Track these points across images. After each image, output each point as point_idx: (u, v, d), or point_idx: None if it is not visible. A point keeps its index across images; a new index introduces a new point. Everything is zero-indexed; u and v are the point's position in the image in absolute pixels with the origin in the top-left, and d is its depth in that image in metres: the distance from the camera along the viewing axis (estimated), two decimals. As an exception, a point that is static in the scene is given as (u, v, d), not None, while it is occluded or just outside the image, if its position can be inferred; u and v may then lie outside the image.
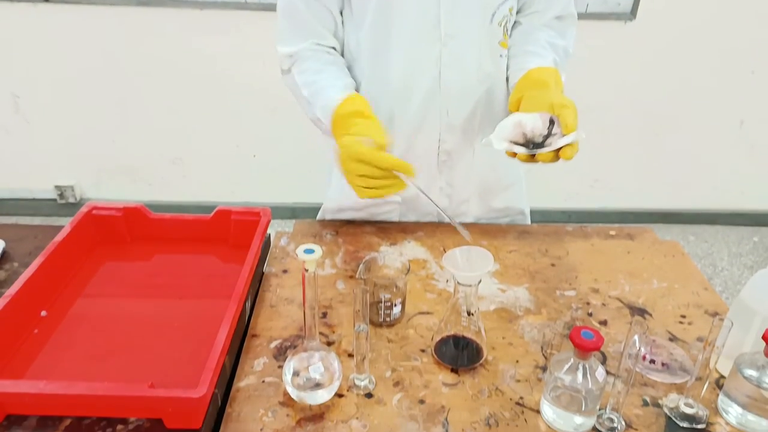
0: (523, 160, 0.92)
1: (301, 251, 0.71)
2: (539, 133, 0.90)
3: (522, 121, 0.91)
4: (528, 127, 0.91)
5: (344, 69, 1.09)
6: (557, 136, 0.89)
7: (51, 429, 0.72)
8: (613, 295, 1.02)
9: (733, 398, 0.77)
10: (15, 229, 1.13)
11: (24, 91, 2.62)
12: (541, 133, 0.90)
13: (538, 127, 0.91)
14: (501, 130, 0.92)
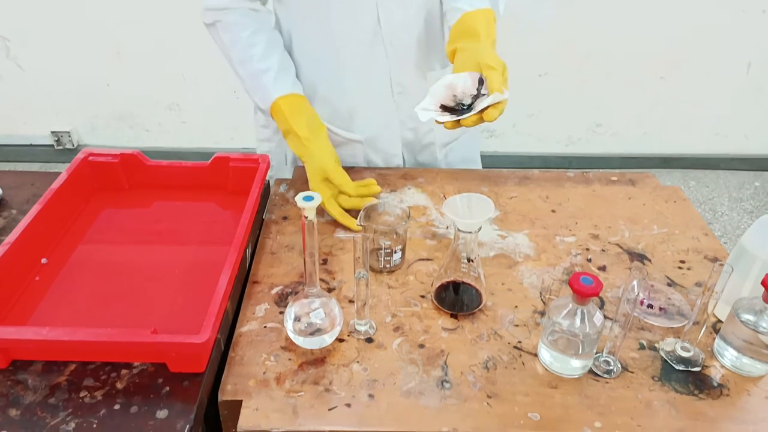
0: (449, 127, 0.90)
1: (300, 198, 0.71)
2: (469, 93, 0.91)
3: (452, 83, 0.92)
4: (459, 89, 0.91)
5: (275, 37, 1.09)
6: (485, 97, 0.88)
7: (56, 374, 0.74)
8: (612, 240, 1.02)
9: (729, 342, 0.78)
10: (12, 176, 1.12)
11: (14, 34, 2.55)
12: (470, 93, 0.91)
13: (468, 87, 0.91)
14: (433, 93, 0.92)
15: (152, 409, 0.70)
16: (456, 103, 0.91)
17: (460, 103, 0.91)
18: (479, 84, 0.90)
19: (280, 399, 0.73)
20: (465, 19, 0.99)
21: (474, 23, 0.98)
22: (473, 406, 0.73)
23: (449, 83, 0.92)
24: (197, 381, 0.73)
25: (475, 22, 0.99)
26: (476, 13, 1.00)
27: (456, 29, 1.00)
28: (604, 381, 0.77)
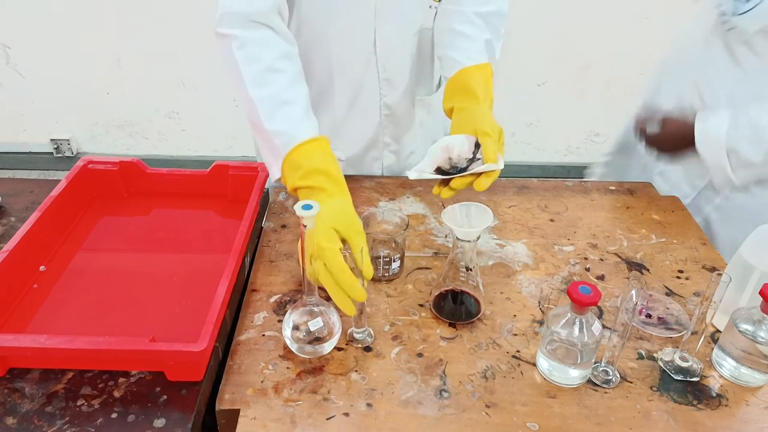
0: (444, 196, 0.91)
1: (299, 207, 0.71)
2: (465, 156, 0.90)
3: (449, 145, 0.91)
4: (455, 151, 0.91)
5: (299, 68, 0.95)
6: (479, 161, 0.89)
7: (54, 382, 0.73)
8: (611, 250, 1.02)
9: (727, 352, 0.78)
10: (11, 183, 1.12)
11: (14, 42, 2.56)
12: (466, 156, 0.90)
13: (465, 150, 0.91)
14: (431, 155, 0.92)
15: (150, 418, 0.69)
16: (451, 165, 0.92)
17: (455, 166, 0.91)
18: (475, 148, 0.90)
19: (278, 408, 0.72)
20: (462, 76, 0.98)
21: (472, 82, 0.97)
22: (472, 415, 0.72)
23: (446, 145, 0.92)
24: (195, 389, 0.73)
25: (472, 81, 0.97)
26: (474, 69, 0.99)
27: (453, 85, 1.00)
28: (602, 391, 0.76)
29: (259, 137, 0.93)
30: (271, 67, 0.90)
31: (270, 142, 0.89)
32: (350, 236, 0.79)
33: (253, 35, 0.90)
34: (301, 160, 0.86)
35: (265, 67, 0.90)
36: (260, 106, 0.89)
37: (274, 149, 0.89)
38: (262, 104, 0.89)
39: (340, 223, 0.79)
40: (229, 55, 0.90)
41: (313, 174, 0.85)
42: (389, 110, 1.15)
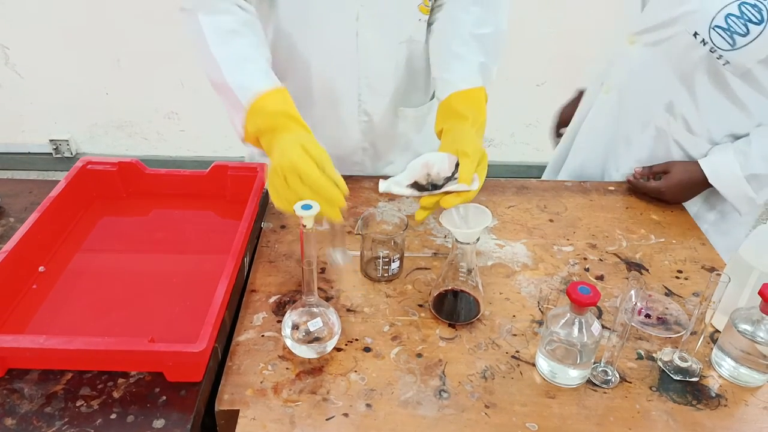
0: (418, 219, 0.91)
1: (298, 207, 0.71)
2: (443, 175, 0.90)
3: (429, 162, 0.91)
4: (434, 168, 0.90)
5: (262, 37, 0.99)
6: (456, 181, 0.89)
7: (53, 383, 0.73)
8: (610, 250, 1.02)
9: (726, 352, 0.78)
10: (10, 184, 1.12)
11: (13, 42, 2.56)
12: (445, 175, 0.90)
13: (444, 169, 0.90)
14: (410, 169, 0.91)
15: (149, 419, 0.69)
16: (428, 182, 0.91)
17: (432, 183, 0.91)
18: (456, 168, 0.90)
19: (277, 408, 0.72)
20: (454, 100, 0.98)
21: (462, 107, 0.97)
22: (471, 416, 0.72)
23: (426, 161, 0.91)
24: (194, 390, 0.73)
25: (463, 106, 0.97)
26: (467, 94, 0.98)
27: (444, 108, 0.99)
28: (602, 391, 0.76)
29: (223, 97, 0.94)
30: (234, 30, 0.93)
31: (233, 97, 0.91)
32: (319, 154, 0.80)
33: (219, 6, 0.94)
34: (264, 106, 0.88)
35: (229, 29, 0.93)
36: (222, 63, 0.91)
37: (236, 104, 0.90)
38: (224, 61, 0.91)
39: (308, 145, 0.81)
40: (195, 23, 0.93)
41: (277, 116, 0.87)
42: (368, 117, 1.13)
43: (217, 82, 0.93)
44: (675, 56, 1.08)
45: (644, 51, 1.12)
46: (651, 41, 1.10)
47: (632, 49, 1.13)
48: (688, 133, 1.13)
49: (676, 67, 1.09)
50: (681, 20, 1.03)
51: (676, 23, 1.04)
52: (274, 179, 0.81)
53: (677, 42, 1.06)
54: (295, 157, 0.79)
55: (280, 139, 0.85)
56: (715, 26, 0.99)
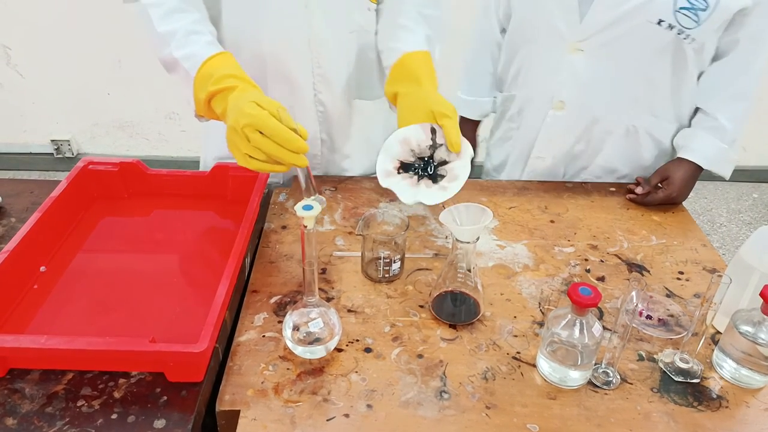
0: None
1: (299, 207, 0.71)
2: (425, 145, 0.91)
3: (406, 137, 0.92)
4: (414, 142, 0.91)
5: (205, 13, 0.99)
6: (443, 148, 0.91)
7: (54, 382, 0.73)
8: (611, 251, 1.02)
9: (728, 353, 0.78)
10: (11, 184, 1.12)
11: (15, 43, 2.56)
12: (426, 144, 0.91)
13: (422, 139, 0.91)
14: (388, 150, 0.92)
15: (150, 419, 0.69)
16: (415, 157, 0.92)
17: (420, 157, 0.92)
18: (432, 133, 0.91)
19: (278, 409, 0.72)
20: (405, 61, 1.00)
21: (415, 66, 0.99)
22: (472, 416, 0.72)
23: (403, 138, 0.91)
24: (195, 390, 0.73)
25: (416, 65, 0.99)
26: (416, 55, 1.01)
27: (396, 71, 1.01)
28: (603, 392, 0.76)
29: (174, 74, 0.94)
30: (176, 8, 0.94)
31: (182, 70, 0.91)
32: (274, 107, 0.80)
33: None
34: (211, 70, 0.88)
35: (171, 8, 0.94)
36: (168, 38, 0.92)
37: (186, 76, 0.91)
38: (170, 36, 0.92)
39: (261, 99, 0.80)
40: (141, 7, 0.94)
41: (225, 78, 0.87)
42: (324, 107, 1.13)
43: (167, 60, 0.93)
44: (632, 50, 1.07)
45: (592, 57, 1.10)
46: (598, 44, 1.08)
47: (576, 58, 1.10)
48: (654, 118, 1.16)
49: (636, 61, 1.09)
50: (635, 13, 1.03)
51: (630, 18, 1.03)
52: (234, 138, 0.81)
53: (634, 36, 1.05)
54: (253, 112, 0.78)
55: (232, 98, 0.84)
56: (680, 8, 1.01)
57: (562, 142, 1.21)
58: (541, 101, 1.19)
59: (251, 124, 0.78)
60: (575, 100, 1.15)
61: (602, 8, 1.05)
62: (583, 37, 1.08)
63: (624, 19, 1.04)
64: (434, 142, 0.91)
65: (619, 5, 1.03)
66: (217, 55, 0.90)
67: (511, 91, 1.26)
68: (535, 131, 1.22)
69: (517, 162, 1.30)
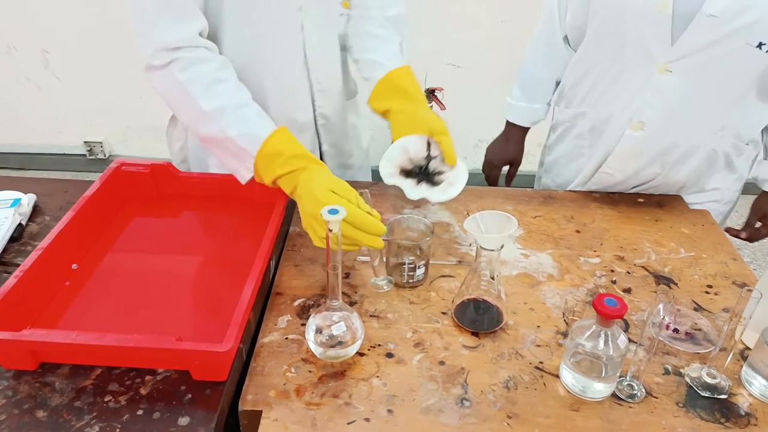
0: None
1: (325, 211, 0.72)
2: (422, 156, 1.00)
3: (406, 146, 1.00)
4: (412, 151, 1.00)
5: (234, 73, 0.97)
6: (438, 159, 1.00)
7: (83, 377, 0.75)
8: (638, 263, 1.01)
9: (757, 370, 0.76)
10: (46, 184, 1.15)
11: (53, 47, 2.64)
12: (423, 155, 1.00)
13: (419, 150, 1.00)
14: (389, 158, 1.00)
15: (174, 416, 0.71)
16: (413, 165, 1.01)
17: (417, 166, 1.01)
18: (428, 147, 1.00)
19: (299, 411, 0.73)
20: (393, 78, 1.05)
21: (404, 83, 1.05)
22: (493, 425, 0.72)
23: (403, 146, 1.00)
24: (219, 389, 0.74)
25: (404, 82, 1.05)
26: (402, 71, 1.06)
27: (384, 87, 1.05)
28: (627, 405, 0.75)
29: (219, 147, 0.95)
30: (215, 79, 0.93)
31: (235, 147, 0.92)
32: (347, 192, 0.85)
33: (190, 56, 0.92)
34: (277, 149, 0.90)
35: (210, 80, 0.92)
36: (218, 116, 0.91)
37: (241, 153, 0.92)
38: (220, 114, 0.91)
39: (335, 185, 0.85)
40: (172, 80, 0.92)
41: (293, 159, 0.89)
42: (326, 119, 1.15)
43: (214, 137, 0.93)
44: (725, 73, 1.01)
45: (681, 79, 1.03)
46: (690, 66, 1.01)
47: (664, 79, 1.04)
48: (737, 143, 1.12)
49: (727, 84, 1.03)
50: (734, 36, 0.96)
51: (728, 41, 0.97)
52: (312, 223, 0.85)
53: (729, 58, 0.99)
54: (332, 202, 0.81)
55: (303, 182, 0.88)
56: None
57: (635, 162, 1.15)
58: (618, 121, 1.12)
59: None
60: (656, 121, 1.08)
61: (699, 30, 0.97)
62: (674, 58, 1.01)
63: (721, 42, 0.97)
64: (429, 154, 1.00)
65: (718, 27, 0.96)
66: (276, 133, 0.91)
67: (581, 108, 1.20)
68: (608, 149, 1.16)
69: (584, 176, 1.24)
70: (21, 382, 0.75)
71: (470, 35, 2.42)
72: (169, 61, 0.91)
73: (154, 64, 0.92)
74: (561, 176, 1.31)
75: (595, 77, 1.15)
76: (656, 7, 0.99)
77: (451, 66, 2.50)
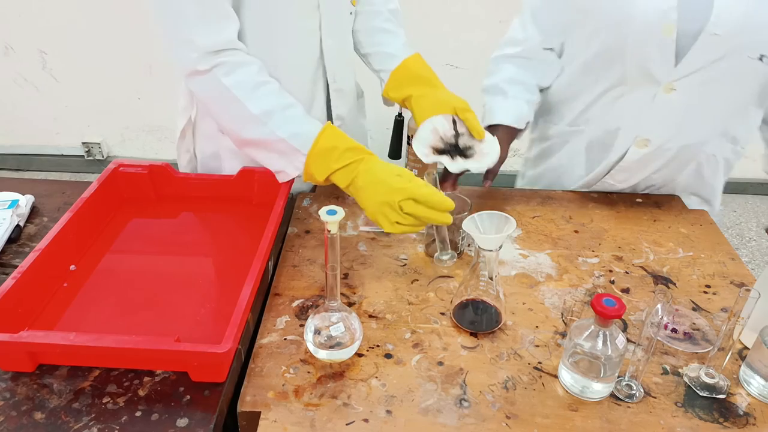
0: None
1: (323, 212, 0.72)
2: (450, 134, 1.02)
3: (435, 126, 1.02)
4: (440, 131, 1.02)
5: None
6: (466, 135, 1.02)
7: (81, 379, 0.75)
8: (636, 263, 1.01)
9: (756, 370, 0.76)
10: (44, 185, 1.15)
11: (51, 47, 2.63)
12: (450, 133, 1.02)
13: (447, 129, 1.02)
14: (421, 139, 1.02)
15: (173, 417, 0.70)
16: (444, 143, 1.02)
17: (448, 144, 1.02)
18: (454, 124, 1.02)
19: (298, 412, 0.73)
20: (408, 66, 1.09)
21: (419, 69, 1.08)
22: (491, 426, 0.72)
23: (433, 127, 1.02)
24: (218, 391, 0.74)
25: (419, 69, 1.09)
26: (415, 59, 1.10)
27: (400, 76, 1.08)
28: (625, 405, 0.75)
29: (265, 149, 0.96)
30: (259, 82, 0.94)
31: (285, 147, 0.93)
32: (410, 175, 0.89)
33: (232, 59, 0.92)
34: (331, 145, 0.92)
35: (255, 83, 0.93)
36: (268, 118, 0.92)
37: (290, 152, 0.93)
38: (269, 116, 0.92)
39: (397, 170, 0.89)
40: (218, 84, 0.91)
41: (347, 152, 0.91)
42: (342, 120, 1.15)
43: (261, 139, 0.94)
44: (728, 86, 1.02)
45: (685, 96, 1.03)
46: (694, 83, 1.01)
47: (668, 97, 1.03)
48: (733, 145, 1.14)
49: (730, 96, 1.04)
50: (736, 52, 0.97)
51: (730, 56, 0.98)
52: (385, 211, 0.87)
53: (732, 72, 1.00)
54: (404, 186, 0.86)
55: (364, 173, 0.90)
56: None
57: (639, 174, 1.15)
58: (623, 139, 1.11)
59: (408, 196, 0.86)
60: (661, 137, 1.08)
61: (703, 49, 0.98)
62: (678, 77, 1.01)
63: (724, 58, 0.98)
64: (457, 132, 1.01)
65: (721, 45, 0.97)
66: (325, 130, 0.93)
67: (577, 125, 1.17)
68: (610, 164, 1.15)
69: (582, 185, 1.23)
70: (19, 384, 0.74)
71: (469, 36, 2.43)
72: (212, 66, 0.90)
73: (199, 69, 0.90)
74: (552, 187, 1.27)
75: (594, 97, 1.12)
76: (659, 32, 0.98)
77: (450, 66, 2.51)
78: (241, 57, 0.93)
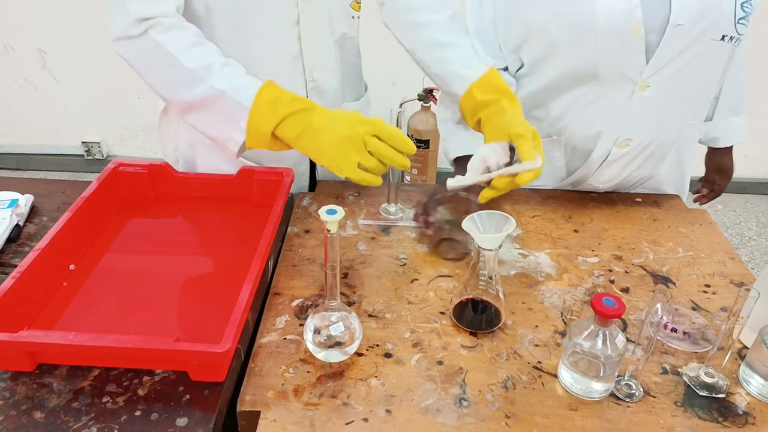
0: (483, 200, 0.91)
1: (323, 212, 0.72)
2: (502, 163, 0.91)
3: (484, 156, 0.91)
4: (492, 160, 0.91)
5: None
6: (517, 164, 0.90)
7: (80, 378, 0.75)
8: (636, 263, 1.01)
9: (755, 369, 0.76)
10: (44, 184, 1.15)
11: (50, 47, 2.63)
12: (504, 162, 0.91)
13: (500, 157, 0.91)
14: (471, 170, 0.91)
15: (172, 417, 0.71)
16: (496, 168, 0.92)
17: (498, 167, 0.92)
18: (511, 152, 0.91)
19: (297, 411, 0.73)
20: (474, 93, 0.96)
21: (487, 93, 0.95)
22: (491, 425, 0.72)
23: (482, 156, 0.91)
24: (217, 390, 0.74)
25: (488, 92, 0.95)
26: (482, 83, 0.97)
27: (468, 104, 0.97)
28: (625, 405, 0.75)
29: (206, 111, 0.90)
30: (195, 41, 0.90)
31: (226, 103, 0.88)
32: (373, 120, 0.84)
33: (168, 21, 0.89)
34: (275, 94, 0.86)
35: (191, 42, 0.89)
36: (205, 74, 0.88)
37: (232, 110, 0.87)
38: (207, 71, 0.88)
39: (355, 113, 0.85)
40: (150, 43, 0.88)
41: (294, 101, 0.86)
42: None
43: (201, 97, 0.89)
44: (698, 71, 1.04)
45: (660, 90, 1.03)
46: (666, 76, 1.02)
47: (644, 95, 1.03)
48: (702, 124, 1.20)
49: (700, 80, 1.07)
50: (700, 37, 0.99)
51: (695, 43, 0.99)
52: (347, 148, 0.81)
53: (699, 57, 1.01)
54: (368, 120, 0.82)
55: (320, 115, 0.85)
56: (739, 20, 0.99)
57: (621, 172, 1.15)
58: (604, 141, 1.09)
59: (371, 130, 0.82)
60: (641, 134, 1.08)
61: (670, 42, 0.99)
62: (651, 74, 1.02)
63: (690, 46, 0.99)
64: (511, 160, 0.92)
65: (685, 34, 0.98)
66: (268, 83, 0.88)
67: (552, 131, 1.14)
68: (592, 166, 1.14)
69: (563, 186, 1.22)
70: (18, 384, 0.74)
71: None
72: (146, 29, 0.87)
73: (130, 33, 0.88)
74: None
75: (567, 103, 1.10)
76: (627, 33, 0.98)
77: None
78: (178, 21, 0.90)
